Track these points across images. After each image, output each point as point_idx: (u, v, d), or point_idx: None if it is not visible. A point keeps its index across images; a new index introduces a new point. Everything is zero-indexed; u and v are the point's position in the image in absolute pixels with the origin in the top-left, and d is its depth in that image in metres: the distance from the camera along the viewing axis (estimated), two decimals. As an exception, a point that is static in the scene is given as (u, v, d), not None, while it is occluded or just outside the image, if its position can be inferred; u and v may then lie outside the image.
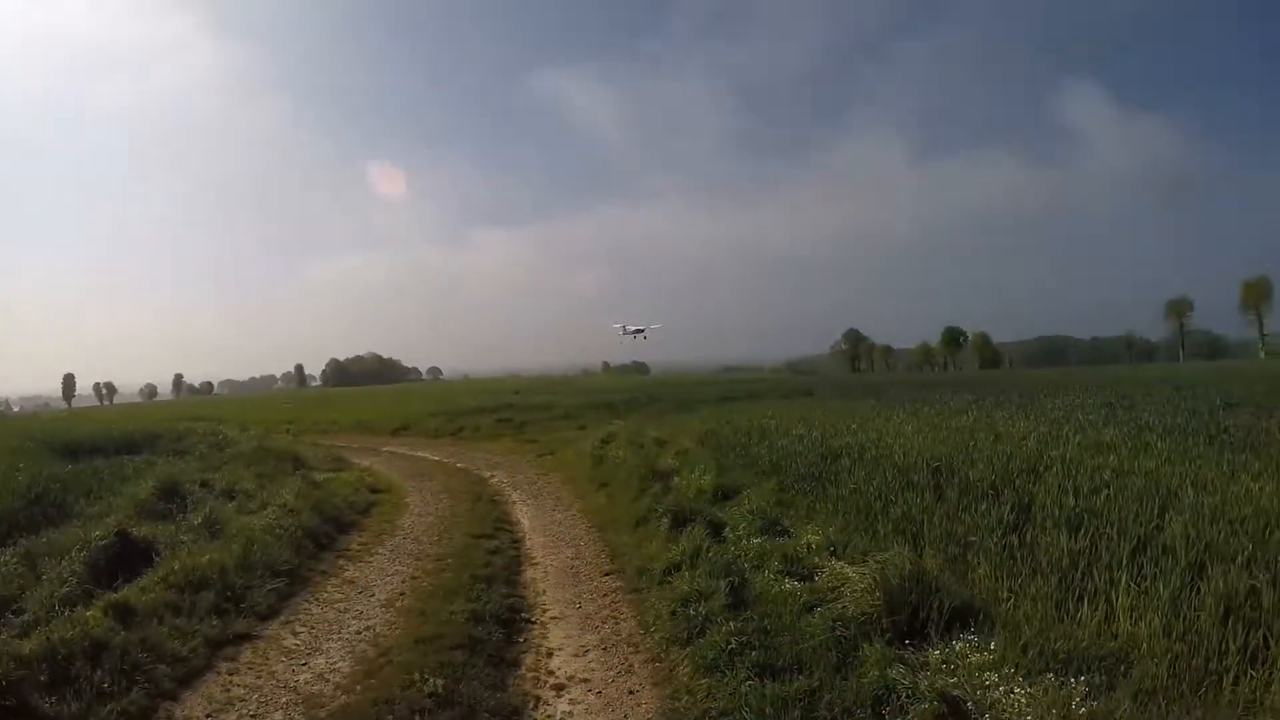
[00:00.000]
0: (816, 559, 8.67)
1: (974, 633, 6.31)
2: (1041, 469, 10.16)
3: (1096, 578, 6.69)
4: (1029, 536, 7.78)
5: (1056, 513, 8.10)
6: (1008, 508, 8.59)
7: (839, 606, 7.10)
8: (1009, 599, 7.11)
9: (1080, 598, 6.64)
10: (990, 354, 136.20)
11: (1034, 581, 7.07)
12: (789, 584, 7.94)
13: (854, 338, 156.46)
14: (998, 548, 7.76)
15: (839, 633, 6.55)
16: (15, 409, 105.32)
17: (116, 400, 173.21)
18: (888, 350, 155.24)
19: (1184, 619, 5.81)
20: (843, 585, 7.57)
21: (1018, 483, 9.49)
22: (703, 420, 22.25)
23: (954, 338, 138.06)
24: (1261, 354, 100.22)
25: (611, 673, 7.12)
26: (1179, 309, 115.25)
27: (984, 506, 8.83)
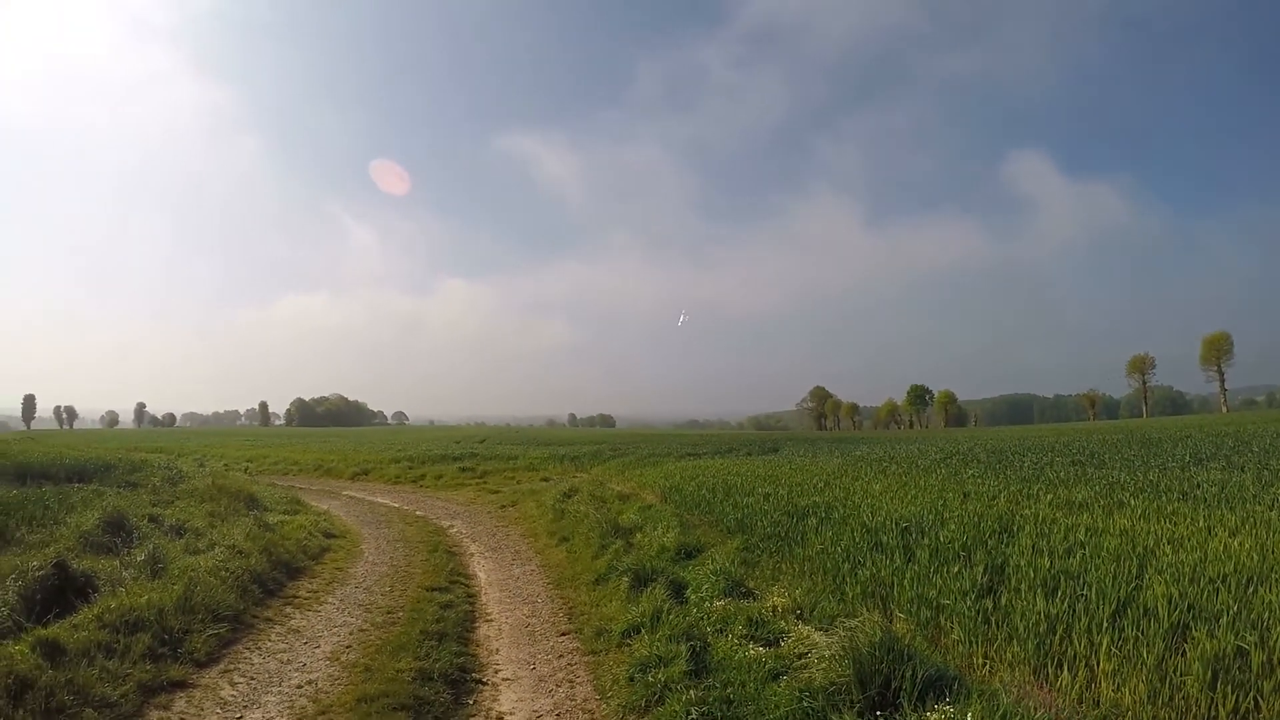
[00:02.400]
0: (782, 623, 8.26)
1: (949, 703, 5.90)
2: (1014, 529, 9.87)
3: (1076, 642, 6.36)
4: (1003, 600, 7.42)
5: (1031, 575, 7.76)
6: (980, 569, 8.24)
7: (806, 675, 6.69)
8: (984, 665, 6.80)
9: (1059, 664, 6.32)
10: (955, 411, 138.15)
11: (1010, 647, 6.73)
12: (753, 649, 7.55)
13: (821, 395, 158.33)
14: (971, 612, 7.39)
15: (806, 704, 6.15)
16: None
17: (76, 425, 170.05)
18: (854, 408, 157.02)
19: (1170, 683, 5.50)
20: (810, 652, 7.16)
21: (990, 544, 9.17)
22: (666, 476, 21.89)
23: (919, 395, 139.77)
24: (1224, 408, 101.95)
25: (565, 743, 6.67)
26: (1141, 366, 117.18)
27: (956, 568, 8.47)
